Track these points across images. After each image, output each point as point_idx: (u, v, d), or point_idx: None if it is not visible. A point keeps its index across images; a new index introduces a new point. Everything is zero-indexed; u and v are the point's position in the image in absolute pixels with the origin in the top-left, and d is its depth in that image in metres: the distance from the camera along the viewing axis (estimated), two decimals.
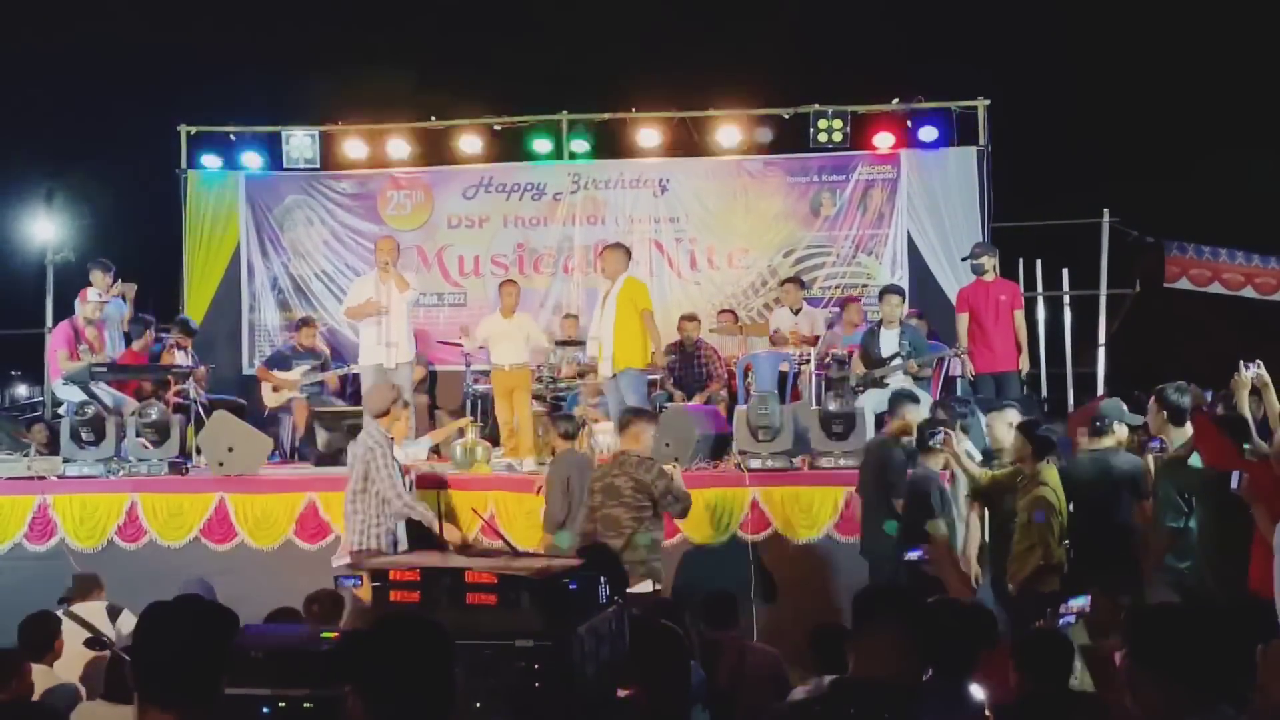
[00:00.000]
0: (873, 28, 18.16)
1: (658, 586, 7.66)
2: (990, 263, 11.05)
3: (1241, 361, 7.11)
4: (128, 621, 7.01)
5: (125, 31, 18.68)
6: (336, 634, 3.59)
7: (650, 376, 10.86)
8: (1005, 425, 8.05)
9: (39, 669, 5.98)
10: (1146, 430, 7.86)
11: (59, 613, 6.77)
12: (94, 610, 7.15)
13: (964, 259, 11.70)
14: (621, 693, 3.97)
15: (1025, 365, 11.22)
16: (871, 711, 3.18)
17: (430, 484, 9.66)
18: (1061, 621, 5.73)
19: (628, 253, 10.66)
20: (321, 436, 10.79)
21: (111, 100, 19.42)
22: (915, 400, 8.68)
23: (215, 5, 19.51)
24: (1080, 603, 5.92)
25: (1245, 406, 7.03)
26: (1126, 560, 7.31)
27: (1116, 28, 19.49)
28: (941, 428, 8.05)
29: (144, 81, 18.12)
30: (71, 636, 6.34)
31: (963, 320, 10.97)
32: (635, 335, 10.20)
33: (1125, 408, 8.04)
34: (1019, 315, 11.08)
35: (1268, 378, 7.00)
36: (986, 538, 8.22)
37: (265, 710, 3.47)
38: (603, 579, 4.03)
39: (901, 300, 10.68)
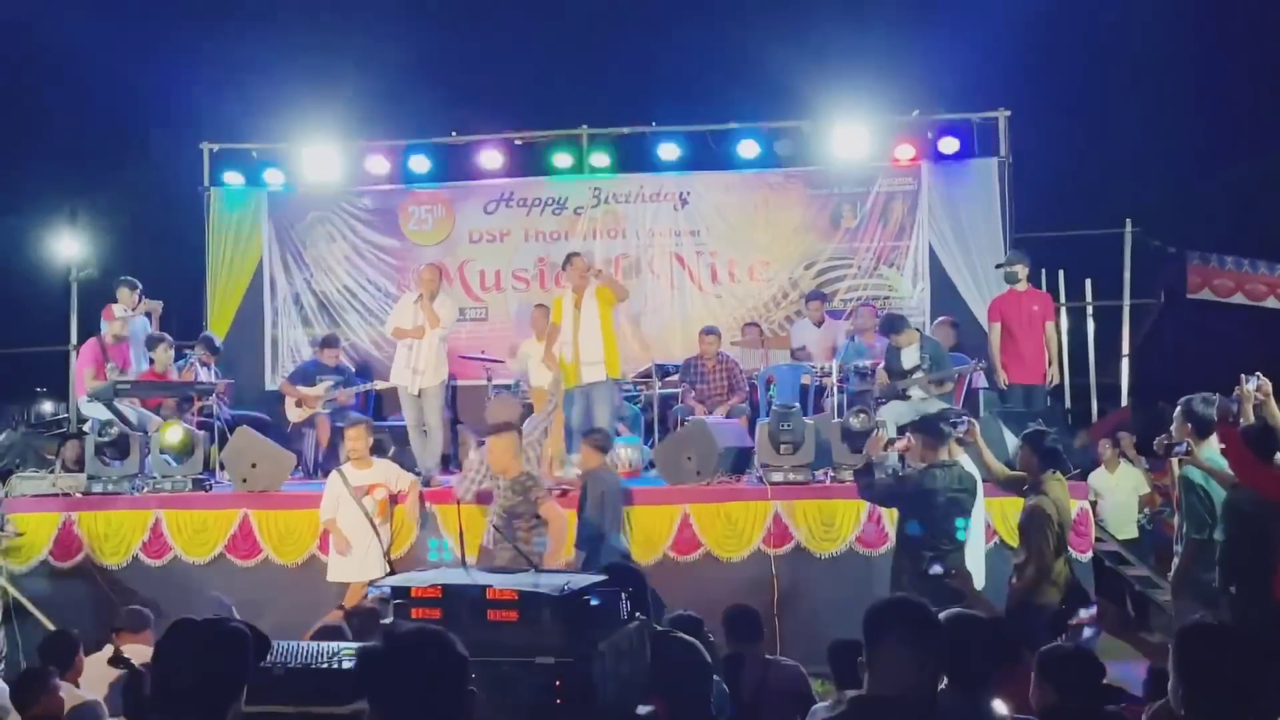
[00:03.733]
0: (892, 39, 18.13)
1: None
2: (1022, 270, 11.06)
3: (1243, 375, 7.08)
4: None
5: (148, 51, 18.79)
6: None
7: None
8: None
9: (65, 687, 6.01)
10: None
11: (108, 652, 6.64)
12: (144, 655, 7.03)
13: (998, 266, 11.69)
14: (643, 709, 3.97)
15: (1054, 377, 11.20)
16: None
17: (453, 499, 9.69)
18: (1084, 636, 5.72)
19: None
20: None
21: (134, 119, 19.54)
22: None
23: (236, 24, 19.62)
24: (1089, 613, 5.91)
25: (1250, 418, 7.00)
26: None
27: (1136, 36, 19.44)
28: (965, 417, 8.07)
29: (167, 100, 18.21)
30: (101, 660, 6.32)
31: (994, 330, 10.98)
32: (615, 342, 10.31)
33: None
34: (1050, 326, 11.08)
35: (1269, 388, 6.96)
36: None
37: None
38: (624, 595, 4.04)
39: (907, 328, 10.61)
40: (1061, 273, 14.16)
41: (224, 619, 3.43)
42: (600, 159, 14.16)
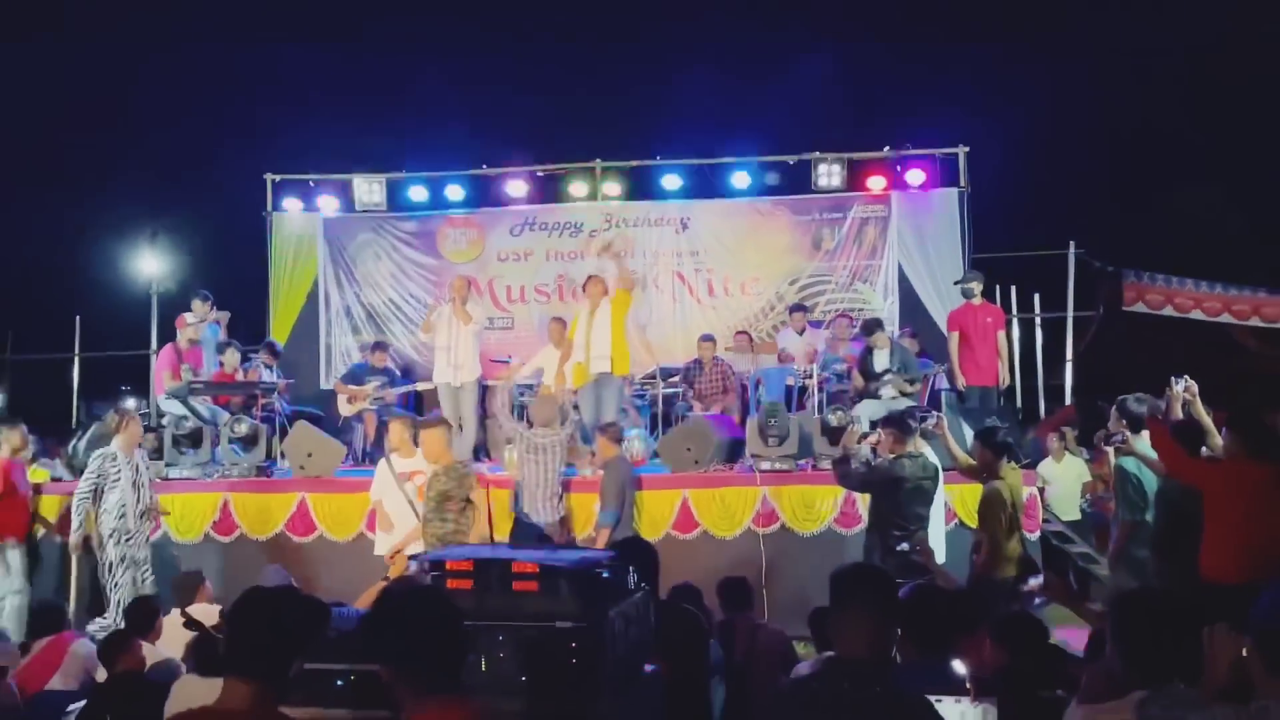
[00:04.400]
0: (866, 86, 18.17)
1: None
2: (978, 286, 11.05)
3: (1172, 377, 7.07)
4: None
5: (218, 92, 18.91)
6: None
7: None
8: None
9: (145, 646, 6.02)
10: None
11: (178, 617, 6.64)
12: (208, 613, 7.06)
13: (956, 282, 11.68)
14: (648, 668, 3.97)
15: (1006, 379, 11.18)
16: (864, 686, 3.17)
17: (483, 483, 9.71)
18: (1035, 603, 5.71)
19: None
20: None
21: (207, 152, 19.62)
22: None
23: (295, 69, 19.70)
24: (1036, 581, 5.91)
25: (1179, 415, 6.99)
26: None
27: (1081, 83, 19.50)
28: (934, 413, 8.09)
29: (235, 135, 18.29)
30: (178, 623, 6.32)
31: (953, 339, 10.96)
32: (625, 344, 10.31)
33: None
34: (1002, 336, 11.06)
35: (1196, 389, 6.95)
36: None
37: (339, 683, 3.50)
38: (631, 568, 4.04)
39: (882, 330, 10.67)
40: (1013, 288, 14.19)
41: (290, 588, 3.43)
42: (611, 188, 14.17)
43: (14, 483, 9.11)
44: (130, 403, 14.42)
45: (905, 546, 7.14)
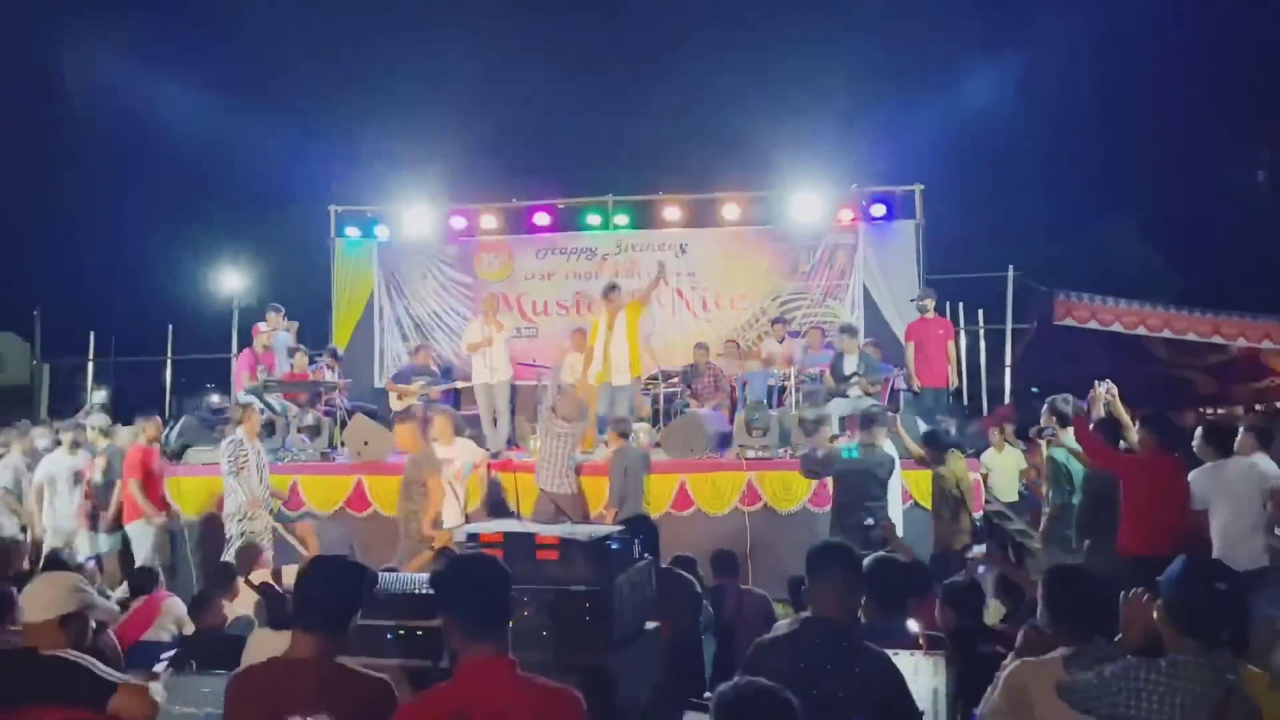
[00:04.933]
0: (836, 134, 18.19)
1: None
2: (931, 303, 11.05)
3: (1096, 381, 7.07)
4: (289, 573, 7.06)
5: (290, 143, 19.05)
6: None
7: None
8: None
9: (227, 605, 6.04)
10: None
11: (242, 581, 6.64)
12: (262, 576, 7.07)
13: (911, 300, 11.66)
14: (650, 625, 3.97)
15: (954, 381, 11.18)
16: (834, 641, 3.17)
17: (511, 469, 9.72)
18: (979, 571, 5.69)
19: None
20: None
21: (280, 187, 19.69)
22: None
23: (355, 120, 19.80)
24: (979, 550, 5.89)
25: (1101, 413, 6.99)
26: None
27: (1016, 133, 19.55)
28: (889, 412, 8.16)
29: (304, 173, 18.36)
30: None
31: (909, 348, 10.95)
32: (639, 351, 10.30)
33: None
34: (951, 345, 11.06)
35: (1116, 391, 6.95)
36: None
37: (389, 636, 3.51)
38: (637, 540, 4.04)
39: (853, 337, 10.67)
40: (961, 305, 14.14)
41: (347, 556, 3.45)
42: (621, 219, 14.16)
43: (152, 467, 9.24)
44: (215, 398, 14.41)
45: (870, 522, 7.15)
